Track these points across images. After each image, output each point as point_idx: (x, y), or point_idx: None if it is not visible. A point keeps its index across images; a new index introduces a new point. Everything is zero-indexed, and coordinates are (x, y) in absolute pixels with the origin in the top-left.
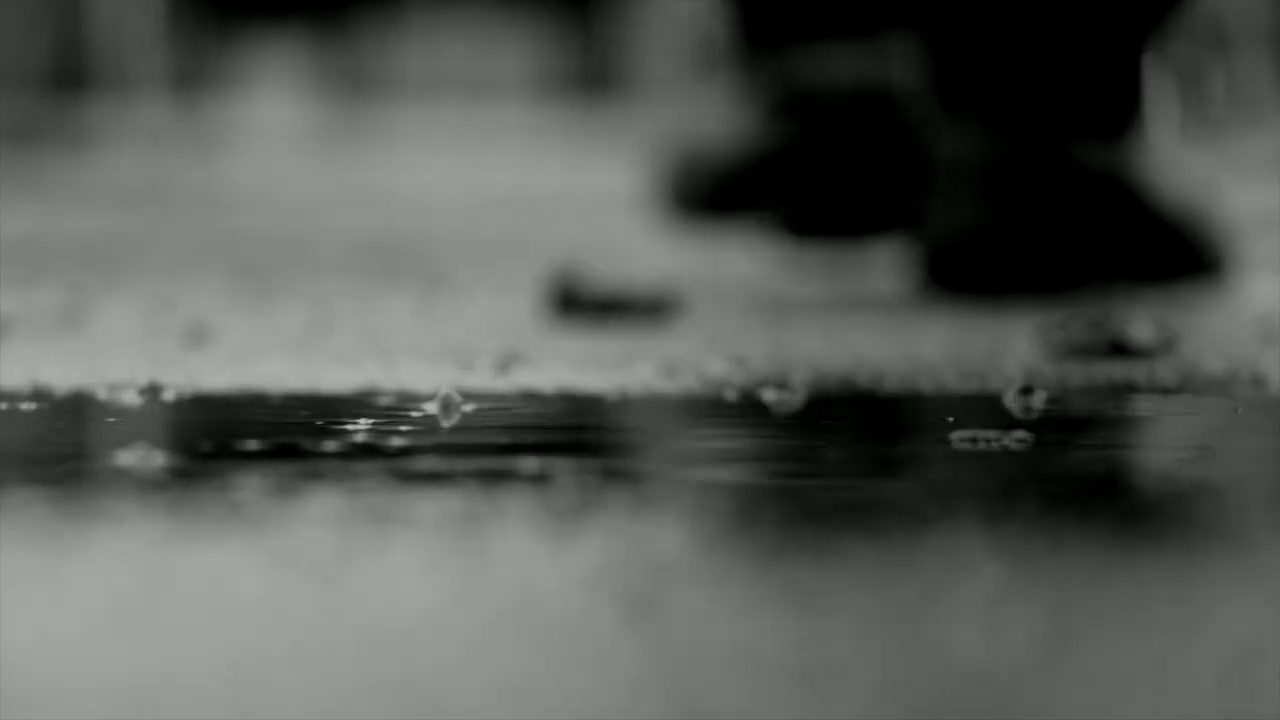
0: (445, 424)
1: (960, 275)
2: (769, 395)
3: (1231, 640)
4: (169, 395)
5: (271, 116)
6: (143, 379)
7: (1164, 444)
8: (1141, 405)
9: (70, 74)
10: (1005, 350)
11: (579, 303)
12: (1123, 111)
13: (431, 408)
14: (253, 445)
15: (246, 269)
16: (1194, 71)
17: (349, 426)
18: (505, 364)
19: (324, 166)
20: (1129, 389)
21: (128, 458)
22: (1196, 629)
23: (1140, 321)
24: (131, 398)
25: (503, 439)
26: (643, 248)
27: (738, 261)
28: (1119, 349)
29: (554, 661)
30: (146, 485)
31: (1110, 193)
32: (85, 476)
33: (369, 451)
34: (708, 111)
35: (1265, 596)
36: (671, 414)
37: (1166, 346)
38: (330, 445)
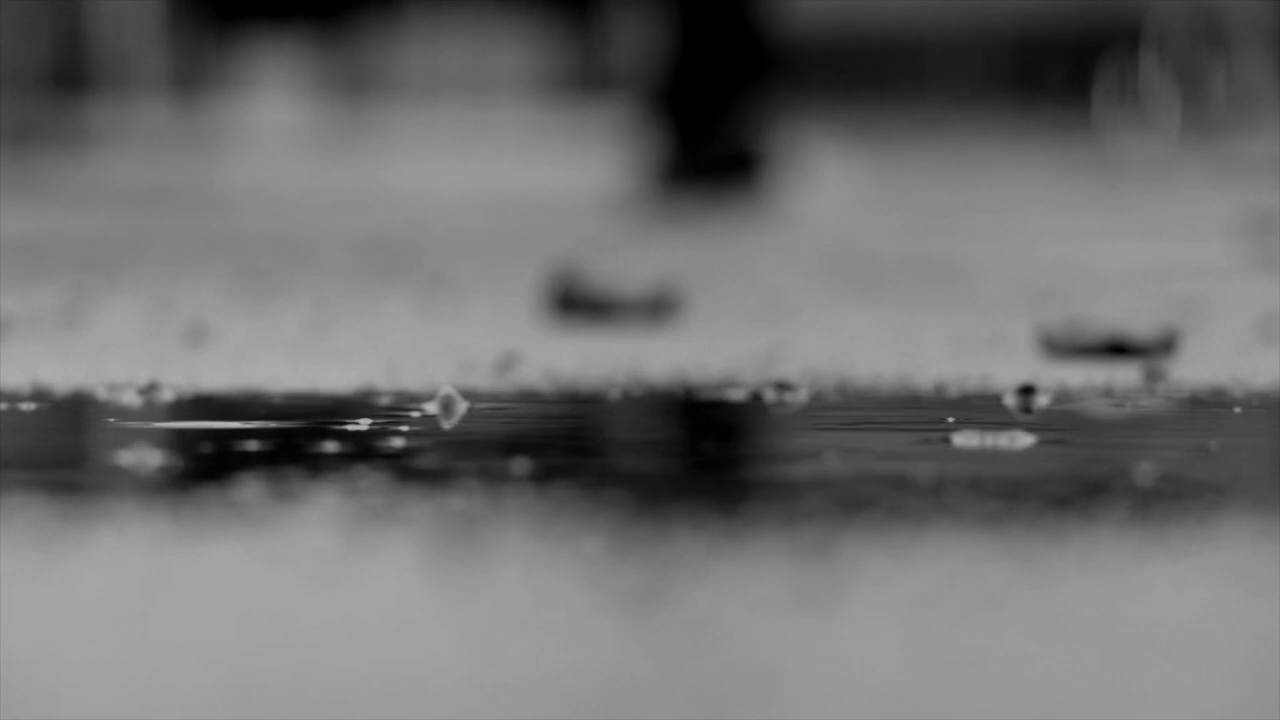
0: (445, 424)
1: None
2: (769, 394)
3: (1232, 639)
4: (169, 395)
5: (272, 117)
6: (143, 379)
7: (1163, 444)
8: (1141, 405)
9: (70, 74)
10: (1005, 350)
11: (578, 303)
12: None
13: (431, 408)
14: (253, 445)
15: (246, 269)
16: (1194, 71)
17: (349, 426)
18: (505, 364)
19: (324, 166)
20: (1129, 389)
21: (128, 458)
22: (1196, 627)
23: (1140, 320)
24: (131, 398)
25: (503, 439)
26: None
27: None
28: (1119, 348)
29: (553, 660)
30: (146, 485)
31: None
32: (85, 476)
33: (369, 452)
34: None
35: (1263, 595)
36: (671, 413)
37: (1166, 345)
38: (330, 445)
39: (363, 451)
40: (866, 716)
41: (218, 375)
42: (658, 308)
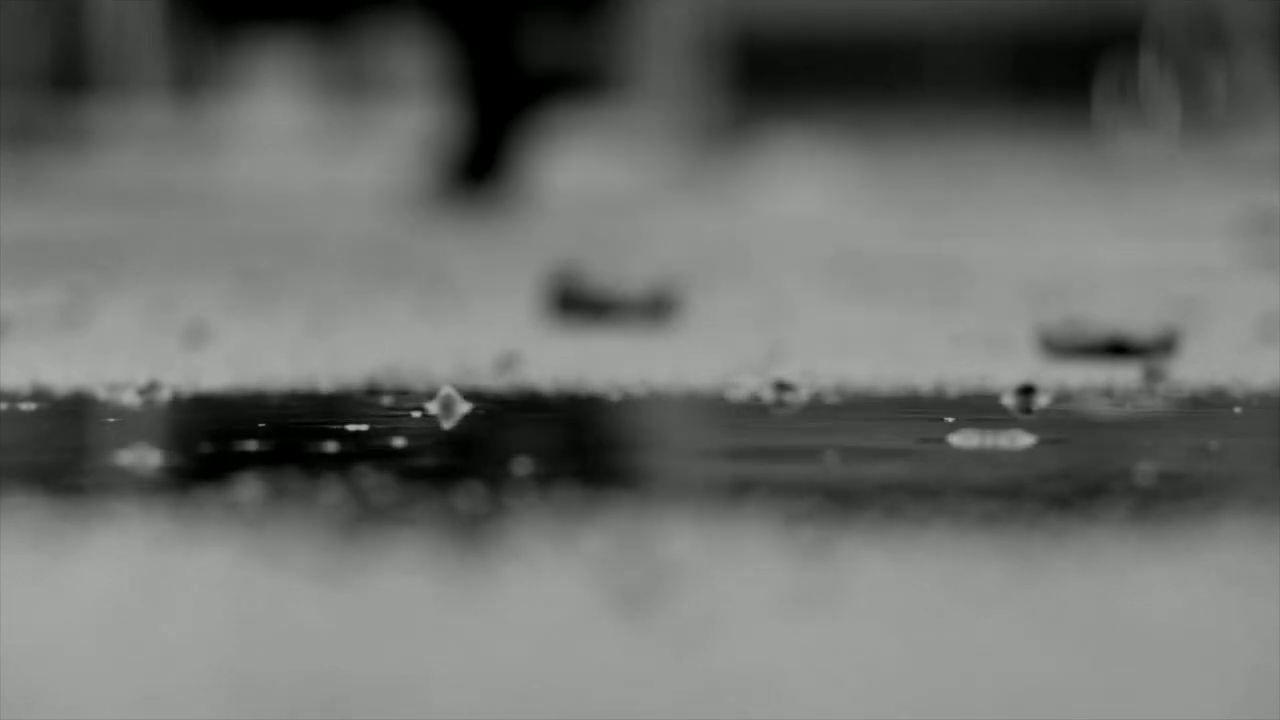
0: (445, 424)
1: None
2: (769, 394)
3: (1232, 639)
4: (169, 395)
5: (272, 117)
6: (143, 379)
7: (1163, 444)
8: (1140, 405)
9: (70, 74)
10: (1005, 350)
11: (578, 303)
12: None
13: (431, 408)
14: (253, 445)
15: (246, 269)
16: (1194, 71)
17: (349, 426)
18: (505, 364)
19: (324, 166)
20: (1129, 389)
21: (128, 458)
22: (1196, 627)
23: (1140, 320)
24: (131, 398)
25: (503, 439)
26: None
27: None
28: (1119, 348)
29: (554, 659)
30: (146, 485)
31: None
32: (85, 476)
33: (369, 452)
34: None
35: (1263, 595)
36: (671, 413)
37: (1166, 345)
38: (330, 445)
39: (363, 451)
40: (866, 716)
41: (218, 375)
42: (657, 308)
